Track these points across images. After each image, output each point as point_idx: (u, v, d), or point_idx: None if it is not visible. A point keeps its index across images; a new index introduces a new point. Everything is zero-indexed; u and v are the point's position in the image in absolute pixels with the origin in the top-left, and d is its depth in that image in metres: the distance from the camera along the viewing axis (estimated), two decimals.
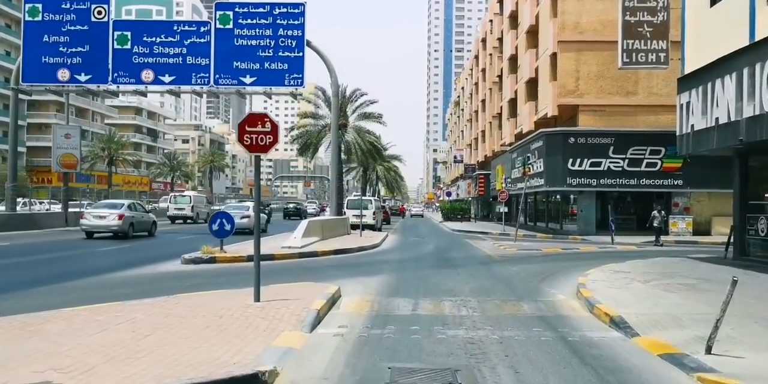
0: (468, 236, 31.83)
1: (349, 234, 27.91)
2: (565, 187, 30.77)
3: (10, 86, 31.60)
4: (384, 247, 22.22)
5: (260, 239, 9.06)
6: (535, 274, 13.98)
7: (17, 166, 33.94)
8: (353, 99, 40.17)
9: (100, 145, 66.52)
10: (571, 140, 30.60)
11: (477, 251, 21.04)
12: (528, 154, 35.36)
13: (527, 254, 19.73)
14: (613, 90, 31.16)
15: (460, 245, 24.41)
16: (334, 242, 21.78)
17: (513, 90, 44.74)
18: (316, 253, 17.78)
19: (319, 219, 23.16)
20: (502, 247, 22.78)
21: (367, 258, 17.92)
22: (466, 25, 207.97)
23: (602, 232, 30.80)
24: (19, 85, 29.69)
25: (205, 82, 27.82)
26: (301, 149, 40.11)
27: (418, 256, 18.68)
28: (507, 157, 45.19)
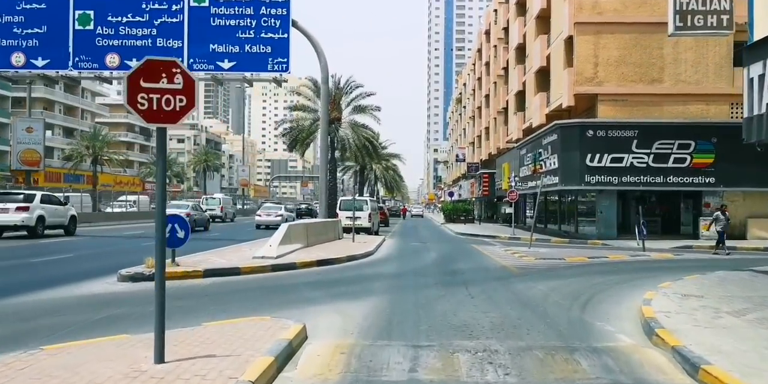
0: (474, 241, 28.58)
1: (340, 239, 24.69)
2: (582, 185, 27.51)
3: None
4: (379, 256, 18.98)
5: (165, 253, 5.75)
6: (571, 295, 10.75)
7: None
8: (348, 90, 36.94)
9: (84, 143, 63.13)
10: (590, 133, 27.36)
11: (488, 260, 17.79)
12: (539, 149, 32.11)
13: (550, 265, 16.48)
14: (636, 77, 27.92)
15: (466, 253, 21.17)
16: (320, 250, 18.54)
17: (521, 82, 41.53)
18: (294, 265, 14.54)
19: (302, 222, 19.91)
20: (517, 254, 19.55)
21: (356, 271, 14.68)
22: (466, 23, 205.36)
23: (624, 235, 27.59)
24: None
25: None
26: (290, 145, 36.85)
27: (419, 269, 15.43)
28: (514, 154, 41.94)
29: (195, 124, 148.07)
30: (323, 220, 23.27)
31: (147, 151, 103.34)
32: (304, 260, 15.11)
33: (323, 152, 24.68)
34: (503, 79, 51.39)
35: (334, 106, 36.21)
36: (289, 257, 15.59)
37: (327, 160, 24.73)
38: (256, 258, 15.06)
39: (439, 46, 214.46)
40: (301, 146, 36.50)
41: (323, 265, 15.28)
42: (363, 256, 17.97)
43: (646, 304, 8.67)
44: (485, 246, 24.52)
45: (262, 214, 37.29)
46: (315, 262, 15.23)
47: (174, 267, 12.74)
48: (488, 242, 27.50)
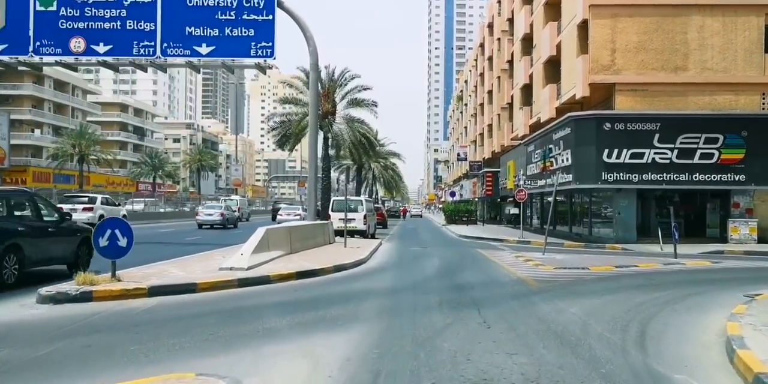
0: (479, 245, 26.03)
1: (331, 243, 22.15)
2: (599, 183, 24.97)
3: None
4: (373, 264, 16.44)
5: None
6: (617, 324, 8.22)
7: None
8: (342, 83, 34.37)
9: (70, 142, 60.53)
10: (607, 126, 24.84)
11: (499, 270, 15.24)
12: (550, 145, 29.59)
13: (573, 276, 13.95)
14: (658, 64, 25.38)
15: (473, 259, 18.63)
16: (304, 258, 15.99)
17: (527, 74, 39.01)
18: (267, 279, 11.99)
19: (285, 226, 17.34)
20: (531, 262, 17.03)
21: (343, 285, 12.13)
22: (467, 22, 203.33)
23: (644, 239, 25.11)
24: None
25: (150, 52, 22.01)
26: (280, 141, 34.27)
27: (419, 282, 12.87)
28: (520, 152, 39.43)
29: (191, 123, 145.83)
30: (311, 223, 20.70)
31: (141, 150, 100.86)
32: (281, 272, 12.55)
33: (312, 146, 22.14)
34: (507, 73, 48.93)
35: (327, 99, 33.70)
36: (264, 268, 13.05)
37: (316, 154, 22.19)
38: (223, 270, 12.52)
39: (440, 45, 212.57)
40: (291, 143, 33.93)
41: (304, 278, 12.73)
42: (354, 266, 15.43)
43: (740, 345, 6.12)
44: (492, 251, 21.99)
45: (283, 214, 38.09)
46: (294, 274, 12.68)
47: (112, 283, 10.21)
48: (495, 246, 24.96)
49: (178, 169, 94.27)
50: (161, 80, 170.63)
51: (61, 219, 12.52)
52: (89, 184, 72.16)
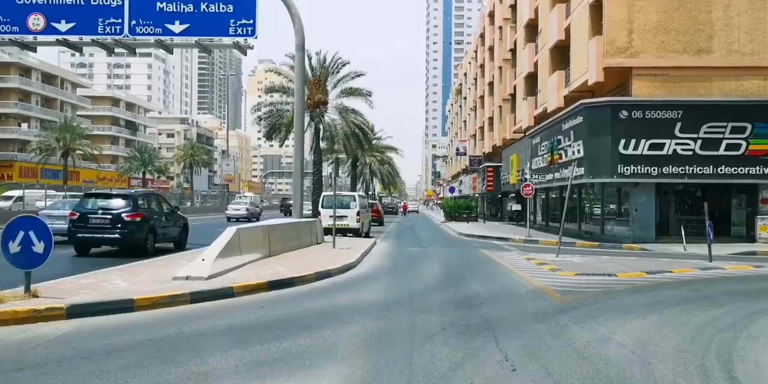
0: (483, 244, 23.80)
1: (319, 243, 19.88)
2: (615, 177, 22.70)
3: None
4: (363, 270, 14.15)
5: None
6: (686, 361, 6.01)
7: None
8: (334, 70, 32.03)
9: (54, 135, 58.03)
10: (623, 114, 22.57)
11: (511, 277, 12.98)
12: (558, 136, 27.34)
13: (600, 285, 11.70)
14: (680, 47, 23.10)
15: (479, 263, 16.36)
16: (282, 263, 13.72)
17: (532, 62, 36.73)
18: (229, 292, 9.72)
19: (263, 225, 15.00)
20: (545, 266, 14.79)
21: (322, 300, 9.83)
22: (465, 16, 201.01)
23: (664, 238, 22.93)
24: None
25: (117, 30, 19.67)
26: (268, 132, 31.96)
27: (417, 295, 10.59)
28: (524, 145, 37.17)
29: (185, 118, 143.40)
30: (295, 221, 18.37)
31: (133, 145, 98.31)
32: (249, 282, 10.27)
33: (298, 135, 19.84)
34: (510, 63, 46.63)
35: (318, 88, 31.40)
36: (229, 277, 10.77)
37: (302, 145, 19.89)
38: (177, 279, 10.25)
39: (438, 40, 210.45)
40: (282, 134, 31.62)
41: (277, 289, 10.47)
42: (341, 271, 13.15)
43: None
44: (499, 252, 19.74)
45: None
46: (265, 284, 10.41)
47: (24, 301, 7.93)
48: (500, 246, 22.73)
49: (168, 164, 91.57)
50: (156, 75, 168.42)
51: (171, 210, 19.00)
52: (79, 179, 69.85)
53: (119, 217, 16.29)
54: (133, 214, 16.51)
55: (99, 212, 16.55)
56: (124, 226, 16.20)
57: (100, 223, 16.33)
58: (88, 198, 17.66)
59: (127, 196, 17.34)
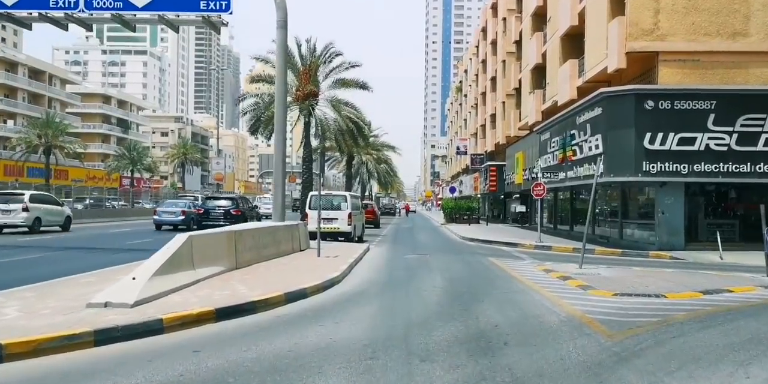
0: (490, 250, 21.19)
1: (303, 250, 17.23)
2: (639, 175, 20.07)
3: None
4: (349, 286, 11.48)
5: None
6: None
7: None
8: (327, 59, 29.35)
9: (35, 131, 55.24)
10: (649, 104, 19.97)
11: (534, 297, 10.35)
12: (572, 130, 24.73)
13: (652, 312, 9.06)
14: (712, 29, 20.52)
15: (489, 276, 13.70)
16: (247, 278, 11.07)
17: (539, 53, 34.13)
18: (158, 326, 7.07)
19: (227, 231, 12.25)
20: (570, 281, 12.19)
21: (283, 339, 7.12)
22: (465, 15, 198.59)
23: (694, 244, 20.37)
24: None
25: (72, 4, 17.10)
26: (253, 126, 29.32)
27: (414, 327, 7.94)
28: (531, 141, 34.59)
29: (180, 116, 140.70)
30: (272, 225, 15.67)
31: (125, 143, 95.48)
32: (188, 312, 7.60)
33: (279, 125, 17.22)
34: (514, 56, 44.06)
35: (308, 79, 28.76)
36: (167, 303, 8.13)
37: (284, 135, 17.28)
38: (92, 306, 7.62)
39: (437, 39, 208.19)
40: (267, 128, 28.98)
41: (229, 318, 7.84)
42: (319, 289, 10.51)
43: None
44: (510, 261, 17.12)
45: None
46: (211, 313, 7.77)
47: None
48: (510, 253, 20.11)
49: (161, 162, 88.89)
50: (151, 73, 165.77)
51: (252, 208, 29.80)
52: (68, 178, 67.18)
53: (228, 212, 27.12)
54: (236, 209, 27.68)
55: (216, 209, 27.62)
56: (231, 218, 25.98)
57: (216, 215, 27.10)
58: (207, 200, 29.70)
59: (231, 199, 28.76)
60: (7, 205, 24.35)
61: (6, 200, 24.71)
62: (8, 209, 24.29)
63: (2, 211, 24.27)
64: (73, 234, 25.69)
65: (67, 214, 27.81)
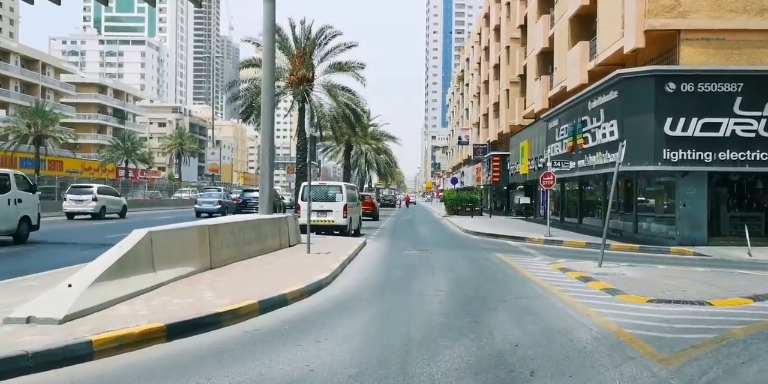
0: (496, 245, 19.65)
1: (291, 246, 15.68)
2: (659, 164, 18.47)
3: None
4: (338, 290, 9.88)
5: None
6: None
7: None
8: (322, 42, 27.69)
9: (24, 120, 53.55)
10: (670, 87, 18.35)
11: (555, 305, 8.81)
12: (583, 116, 23.14)
13: (703, 325, 7.49)
14: (739, 5, 18.87)
15: (500, 276, 12.14)
16: (217, 282, 9.51)
17: (546, 36, 32.49)
18: (86, 350, 5.51)
19: (198, 225, 10.65)
20: (593, 283, 10.67)
21: (247, 366, 5.58)
22: (466, 5, 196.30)
23: (717, 239, 18.88)
24: None
25: None
26: (244, 113, 27.69)
27: (413, 348, 6.41)
28: (537, 129, 33.00)
29: (178, 107, 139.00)
30: (256, 218, 14.09)
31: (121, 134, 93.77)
32: (131, 330, 6.02)
33: (266, 107, 15.63)
34: (519, 42, 42.36)
35: (302, 62, 27.13)
36: (108, 315, 6.58)
37: (272, 120, 15.69)
38: (11, 322, 6.07)
39: (438, 29, 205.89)
40: (258, 116, 27.31)
41: (182, 336, 6.29)
42: (303, 294, 8.97)
43: None
44: (520, 258, 15.57)
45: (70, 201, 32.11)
46: (160, 330, 6.21)
47: None
48: (518, 249, 18.56)
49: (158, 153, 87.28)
50: (149, 63, 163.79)
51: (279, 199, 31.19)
52: (62, 169, 65.64)
53: None
54: None
55: (251, 199, 30.13)
56: None
57: (251, 204, 29.62)
58: (245, 192, 33.93)
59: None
60: (80, 196, 29.25)
61: (79, 192, 29.65)
62: (81, 199, 29.09)
63: (76, 201, 29.07)
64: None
65: (124, 204, 32.94)
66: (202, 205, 34.52)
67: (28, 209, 16.89)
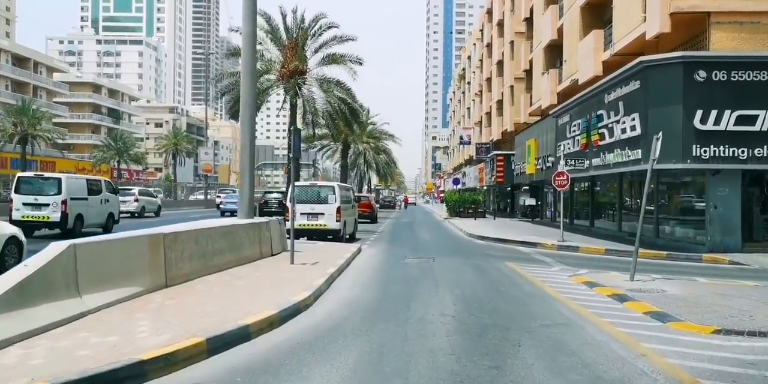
0: (505, 252, 17.71)
1: (274, 255, 13.73)
2: (688, 162, 16.51)
3: None
4: (320, 317, 7.85)
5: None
6: None
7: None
8: (316, 32, 25.74)
9: (10, 119, 51.55)
10: (701, 75, 16.41)
11: (595, 337, 6.91)
12: (599, 111, 21.21)
13: None
14: None
15: (516, 294, 10.17)
16: (165, 307, 7.57)
17: (554, 28, 30.59)
18: None
19: (149, 234, 8.67)
20: (629, 302, 8.81)
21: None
22: (467, 5, 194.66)
23: (751, 245, 16.93)
24: None
25: None
26: (232, 109, 25.73)
27: None
28: (545, 126, 31.06)
29: (175, 107, 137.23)
30: (228, 224, 12.08)
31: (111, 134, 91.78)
32: None
33: (246, 96, 13.72)
34: (524, 36, 40.50)
35: (294, 54, 25.19)
36: None
37: (253, 111, 13.79)
38: None
39: (438, 29, 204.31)
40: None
41: None
42: (272, 324, 7.02)
43: None
44: (535, 268, 13.64)
45: None
46: None
47: None
48: (531, 256, 16.63)
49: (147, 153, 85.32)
50: (147, 63, 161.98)
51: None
52: (55, 170, 63.74)
53: (280, 202, 29.89)
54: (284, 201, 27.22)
55: (272, 200, 31.19)
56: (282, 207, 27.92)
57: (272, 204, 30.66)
58: (266, 194, 33.59)
59: (281, 192, 31.77)
60: (124, 197, 30.47)
61: (123, 194, 30.28)
62: (124, 200, 30.34)
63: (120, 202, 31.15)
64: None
65: (159, 204, 36.92)
66: (226, 205, 37.09)
67: (113, 207, 21.98)
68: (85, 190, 20.05)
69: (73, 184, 19.55)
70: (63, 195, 18.66)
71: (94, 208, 20.37)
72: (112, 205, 21.79)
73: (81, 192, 19.78)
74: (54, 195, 18.63)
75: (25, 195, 18.72)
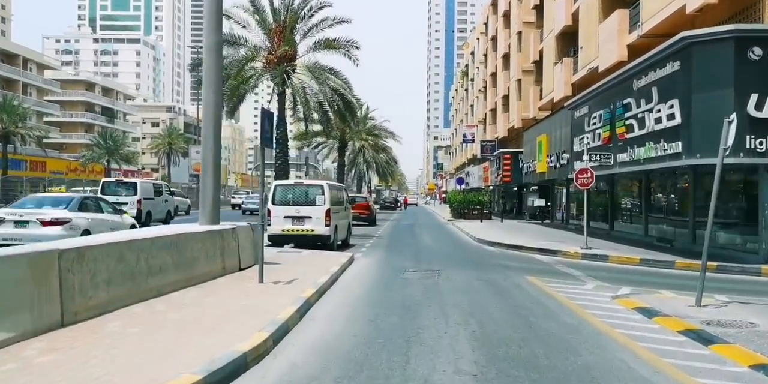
0: (523, 263, 15.07)
1: (241, 270, 11.09)
2: (741, 155, 13.82)
3: None
4: (276, 375, 5.35)
5: None
6: None
7: None
8: (306, 14, 23.12)
9: None
10: (755, 53, 13.79)
11: None
12: (626, 99, 18.56)
13: None
14: None
15: (554, 331, 7.51)
16: (34, 365, 4.94)
17: (569, 13, 28.15)
18: None
19: (34, 251, 6.19)
20: (716, 344, 6.20)
21: None
22: (469, 3, 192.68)
23: None
24: None
25: None
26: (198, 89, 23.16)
27: None
28: (558, 121, 28.43)
29: (172, 106, 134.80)
30: (177, 233, 9.36)
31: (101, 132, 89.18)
32: None
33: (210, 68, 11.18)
34: (533, 25, 38.01)
35: (282, 38, 22.60)
36: None
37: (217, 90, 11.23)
38: None
39: (440, 28, 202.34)
40: (230, 101, 22.86)
41: None
42: None
43: None
44: (563, 285, 11.02)
45: None
46: None
47: None
48: (553, 268, 14.01)
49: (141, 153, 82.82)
50: (145, 62, 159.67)
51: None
52: (45, 170, 61.27)
53: None
54: None
55: None
56: None
57: None
58: None
59: None
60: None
61: None
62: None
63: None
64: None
65: (188, 204, 38.04)
66: (247, 205, 37.92)
67: (170, 205, 27.46)
68: (152, 191, 25.41)
69: (145, 187, 24.83)
70: (138, 195, 23.59)
71: (158, 206, 25.47)
72: (170, 204, 27.44)
73: (149, 193, 24.96)
74: (131, 196, 23.47)
75: (108, 196, 21.98)
